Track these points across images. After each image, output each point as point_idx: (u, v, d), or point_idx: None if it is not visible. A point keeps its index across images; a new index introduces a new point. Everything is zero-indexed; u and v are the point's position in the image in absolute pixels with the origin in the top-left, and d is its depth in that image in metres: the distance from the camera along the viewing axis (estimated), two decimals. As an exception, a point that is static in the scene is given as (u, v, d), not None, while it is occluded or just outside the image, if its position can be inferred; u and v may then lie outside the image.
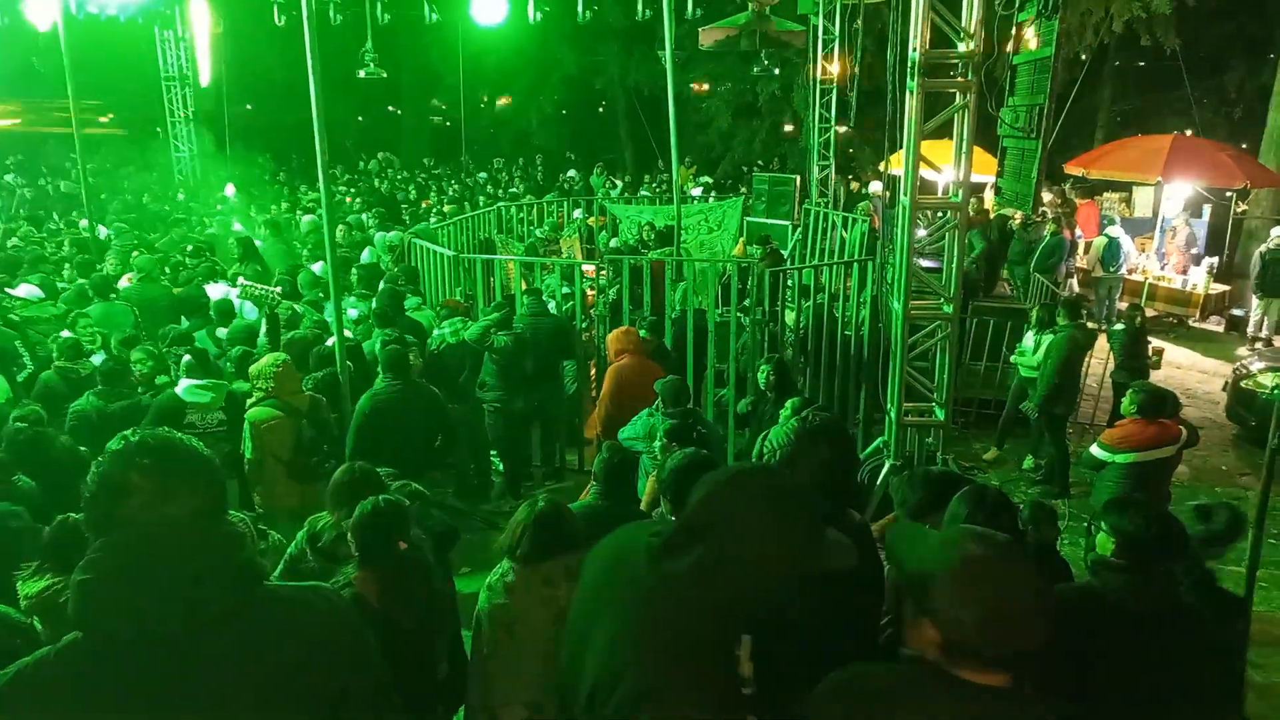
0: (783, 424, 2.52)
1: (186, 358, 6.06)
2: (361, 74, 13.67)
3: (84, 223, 11.62)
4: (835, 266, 8.43)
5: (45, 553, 3.74)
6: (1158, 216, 13.79)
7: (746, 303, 7.86)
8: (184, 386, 5.79)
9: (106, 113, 21.68)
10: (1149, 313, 11.66)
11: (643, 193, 18.34)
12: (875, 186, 15.07)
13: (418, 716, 3.37)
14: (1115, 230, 12.11)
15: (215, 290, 8.58)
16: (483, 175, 21.98)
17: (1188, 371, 10.85)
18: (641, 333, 6.97)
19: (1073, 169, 14.24)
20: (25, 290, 8.20)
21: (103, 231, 11.87)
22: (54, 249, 11.06)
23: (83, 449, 5.28)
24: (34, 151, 21.04)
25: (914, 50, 5.58)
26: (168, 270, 9.56)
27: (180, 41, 17.39)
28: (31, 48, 16.48)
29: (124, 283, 8.74)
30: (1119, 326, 8.50)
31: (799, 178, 14.48)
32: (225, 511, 1.74)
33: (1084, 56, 15.05)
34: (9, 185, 18.00)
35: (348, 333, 6.46)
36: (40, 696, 1.57)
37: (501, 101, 29.61)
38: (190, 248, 10.67)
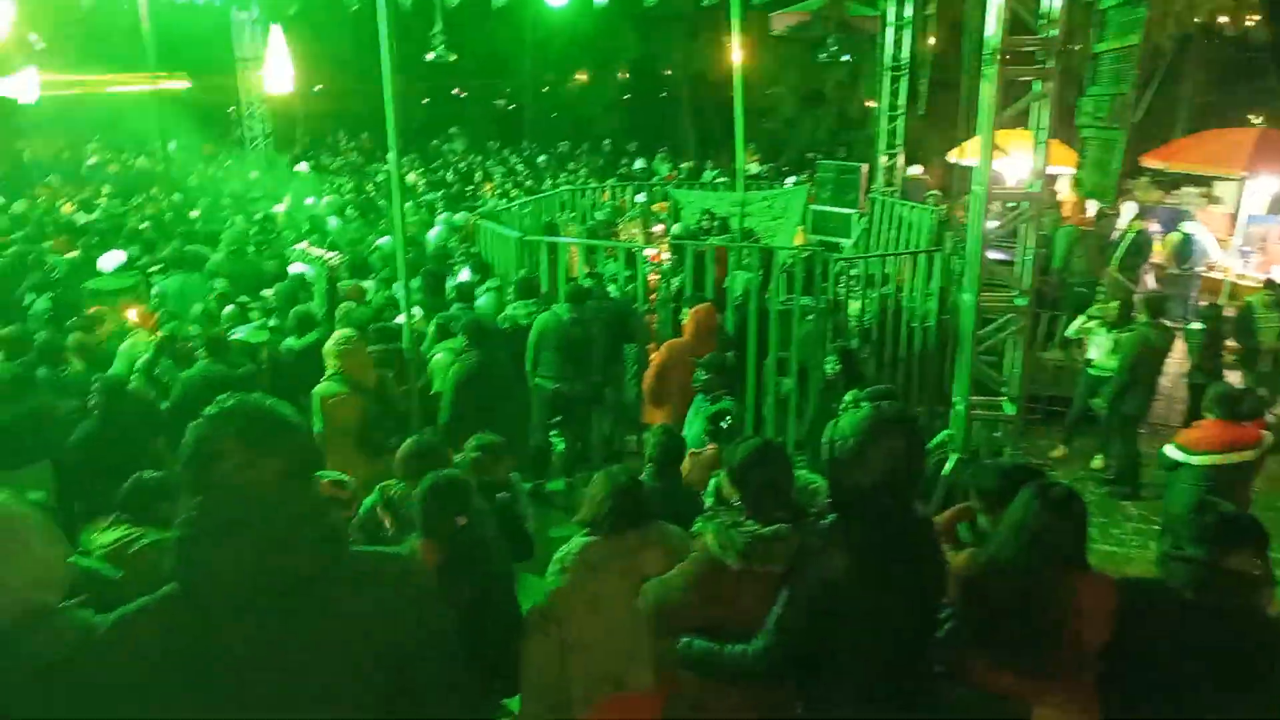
0: (852, 411, 2.48)
1: (230, 307, 6.65)
2: (430, 56, 13.78)
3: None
4: (900, 257, 8.31)
5: (120, 505, 3.89)
6: (1240, 212, 13.28)
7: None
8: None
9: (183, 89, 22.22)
10: (1229, 313, 11.27)
11: (706, 178, 18.25)
12: (915, 170, 14.72)
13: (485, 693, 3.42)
14: (1191, 226, 11.69)
15: (297, 268, 8.84)
16: (545, 158, 22.11)
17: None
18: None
19: (1151, 162, 13.79)
20: (112, 258, 8.51)
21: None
22: (139, 221, 11.44)
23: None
24: (115, 128, 21.72)
25: (992, 36, 5.45)
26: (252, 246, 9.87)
27: (255, 24, 17.77)
28: (114, 27, 17.02)
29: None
30: (1196, 326, 8.24)
31: (865, 166, 14.27)
32: (313, 476, 1.79)
33: (1166, 48, 14.54)
34: (99, 162, 18.68)
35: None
36: (139, 641, 1.65)
37: (578, 77, 29.50)
38: (259, 216, 10.99)
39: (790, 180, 16.45)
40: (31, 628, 1.95)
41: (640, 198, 14.32)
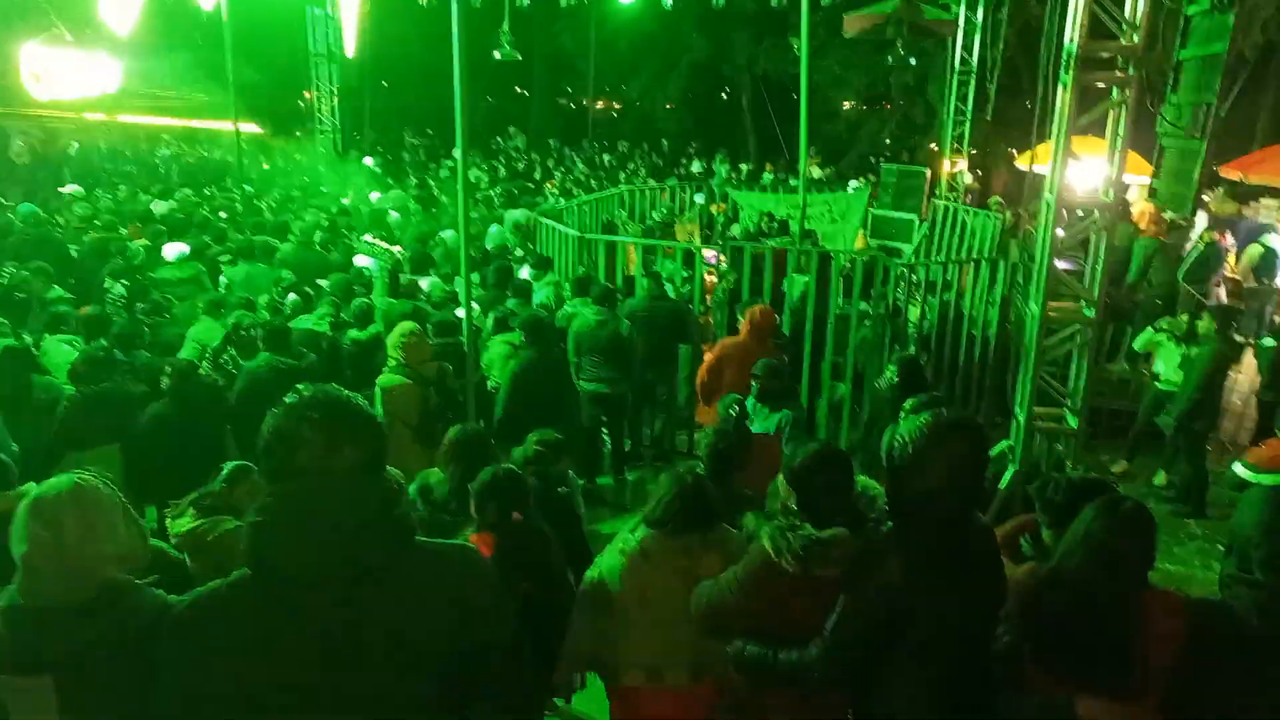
0: (913, 417, 2.45)
1: (293, 295, 6.95)
2: (497, 55, 13.94)
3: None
4: (962, 264, 8.19)
5: (198, 498, 4.01)
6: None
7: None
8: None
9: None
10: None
11: (765, 179, 18.18)
12: (961, 165, 14.32)
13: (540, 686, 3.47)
14: (1275, 239, 11.28)
15: (360, 261, 9.02)
16: (609, 157, 22.22)
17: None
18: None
19: (1229, 173, 13.33)
20: (173, 249, 8.77)
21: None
22: (211, 213, 11.78)
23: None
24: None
25: (1071, 41, 5.33)
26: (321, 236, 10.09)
27: (329, 19, 18.21)
28: (194, 24, 17.55)
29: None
30: (1269, 342, 7.96)
31: (929, 170, 14.06)
32: (384, 466, 1.84)
33: (1249, 55, 14.04)
34: (173, 153, 19.26)
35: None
36: (212, 623, 1.71)
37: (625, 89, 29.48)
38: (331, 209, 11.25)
39: (852, 184, 16.31)
40: (112, 602, 2.04)
41: (699, 198, 14.31)
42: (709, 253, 8.96)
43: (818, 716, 2.82)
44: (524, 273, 8.55)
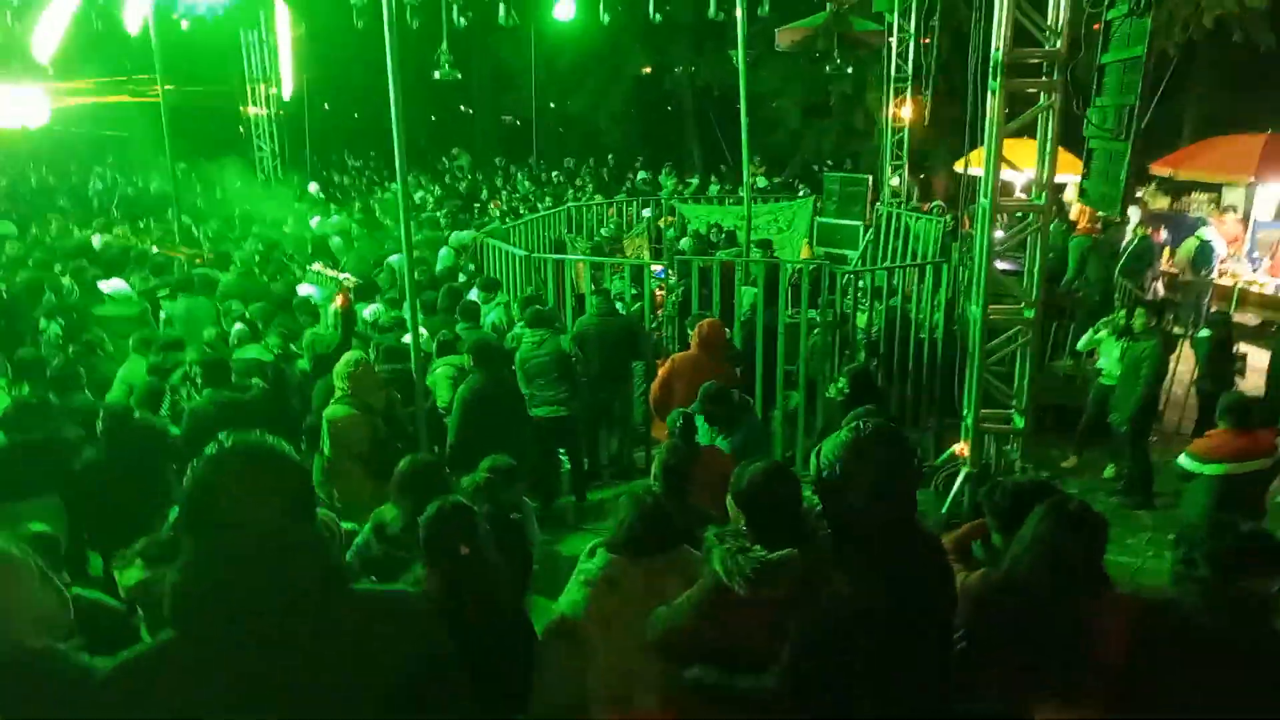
0: (833, 435, 2.48)
1: (239, 325, 6.81)
2: (436, 75, 13.86)
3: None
4: (907, 269, 8.29)
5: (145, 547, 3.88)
6: (1249, 219, 13.21)
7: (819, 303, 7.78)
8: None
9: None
10: (1250, 319, 11.18)
11: (712, 191, 18.29)
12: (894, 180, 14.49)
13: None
14: (1209, 232, 11.62)
15: (304, 289, 8.86)
16: (555, 174, 22.19)
17: None
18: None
19: (1160, 169, 13.73)
20: (112, 285, 8.54)
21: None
22: (150, 243, 11.52)
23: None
24: (122, 151, 21.86)
25: (997, 49, 5.44)
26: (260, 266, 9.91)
27: (263, 43, 17.94)
28: (124, 51, 17.19)
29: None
30: (1204, 333, 8.18)
31: (871, 178, 14.25)
32: (314, 514, 1.79)
33: (1172, 54, 14.47)
34: (104, 184, 18.79)
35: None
36: (139, 688, 1.63)
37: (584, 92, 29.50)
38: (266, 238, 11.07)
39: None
40: (27, 668, 1.95)
41: (646, 213, 14.35)
42: (657, 267, 8.98)
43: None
44: (471, 294, 8.49)
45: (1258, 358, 8.99)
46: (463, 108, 31.30)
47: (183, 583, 1.63)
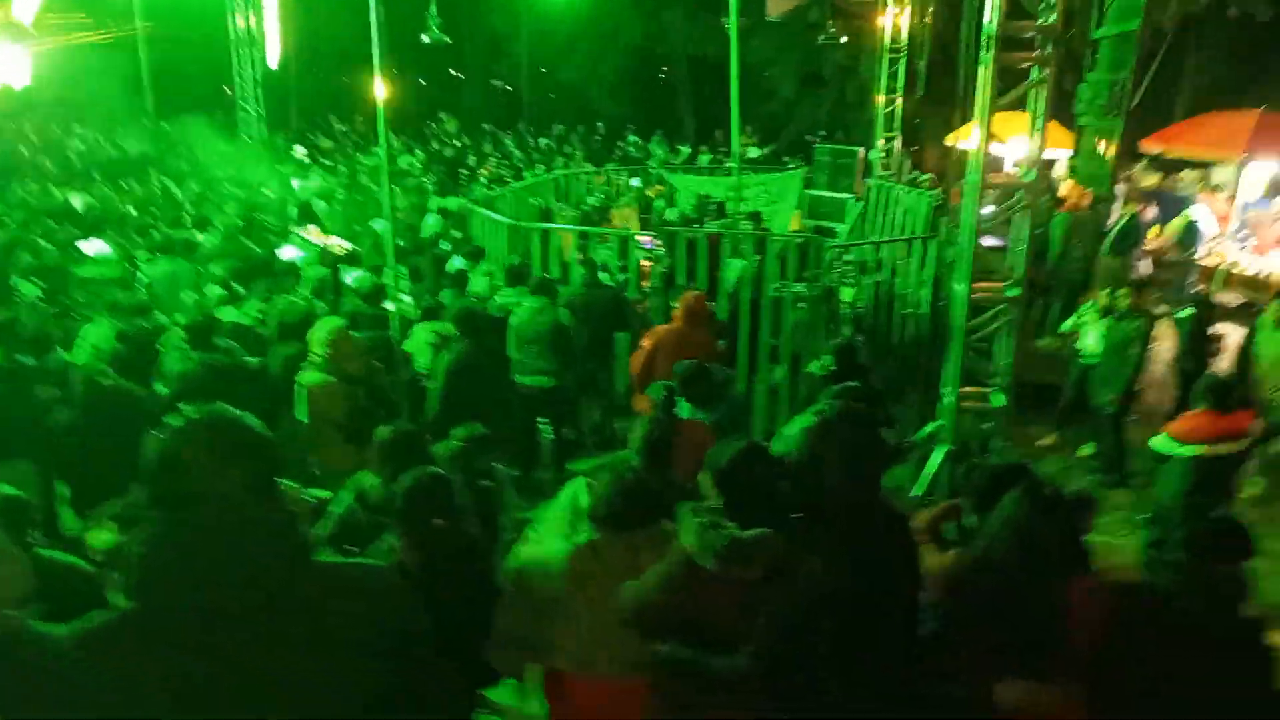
0: (797, 418, 2.48)
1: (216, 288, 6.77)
2: (425, 38, 13.63)
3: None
4: (895, 244, 8.26)
5: (118, 510, 3.86)
6: (1237, 196, 13.17)
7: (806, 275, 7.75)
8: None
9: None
10: (1236, 299, 11.17)
11: (702, 161, 18.16)
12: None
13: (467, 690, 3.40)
14: (1197, 211, 11.59)
15: (287, 252, 8.76)
16: (544, 140, 21.96)
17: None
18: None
19: (1150, 146, 13.67)
20: (94, 247, 8.42)
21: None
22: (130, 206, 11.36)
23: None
24: (108, 110, 21.48)
25: (990, 22, 5.38)
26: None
27: (249, 6, 17.61)
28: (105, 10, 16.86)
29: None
30: (1185, 313, 8.17)
31: (862, 150, 14.17)
32: (278, 486, 1.76)
33: (1166, 29, 14.37)
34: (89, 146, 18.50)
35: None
36: (96, 658, 1.61)
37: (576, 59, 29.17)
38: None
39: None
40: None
41: (635, 182, 14.24)
42: (645, 238, 8.91)
43: (753, 712, 2.81)
44: (456, 262, 8.42)
45: (1238, 338, 9.01)
46: (452, 71, 30.90)
47: (144, 554, 1.61)
